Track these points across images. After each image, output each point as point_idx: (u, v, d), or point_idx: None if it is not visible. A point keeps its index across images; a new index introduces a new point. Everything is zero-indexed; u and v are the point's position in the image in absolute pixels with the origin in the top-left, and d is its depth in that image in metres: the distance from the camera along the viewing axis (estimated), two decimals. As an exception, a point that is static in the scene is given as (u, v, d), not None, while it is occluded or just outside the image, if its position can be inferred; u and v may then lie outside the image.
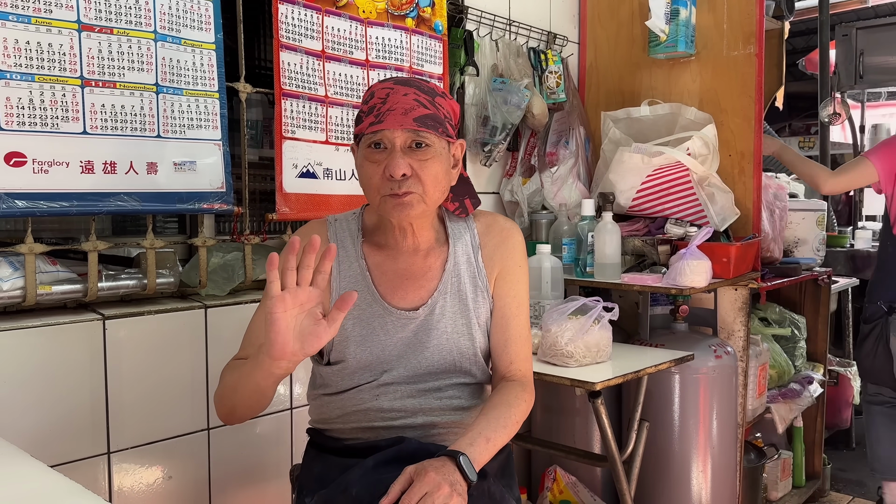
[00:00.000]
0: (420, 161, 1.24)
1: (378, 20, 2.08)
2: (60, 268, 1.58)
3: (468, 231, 1.41)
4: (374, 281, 1.34)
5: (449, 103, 1.31)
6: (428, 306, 1.33)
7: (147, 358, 1.62)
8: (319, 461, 1.37)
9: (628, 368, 1.87)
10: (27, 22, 1.43)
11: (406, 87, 1.26)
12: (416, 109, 1.23)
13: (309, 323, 1.08)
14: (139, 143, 1.59)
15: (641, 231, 2.51)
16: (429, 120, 1.23)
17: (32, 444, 1.39)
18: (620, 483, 1.91)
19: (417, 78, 1.30)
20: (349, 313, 1.31)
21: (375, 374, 1.32)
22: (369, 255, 1.36)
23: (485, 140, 2.39)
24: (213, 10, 1.71)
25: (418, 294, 1.34)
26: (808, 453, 3.07)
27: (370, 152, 1.25)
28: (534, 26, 2.64)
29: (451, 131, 1.29)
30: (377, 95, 1.26)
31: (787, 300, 3.05)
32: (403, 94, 1.24)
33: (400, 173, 1.22)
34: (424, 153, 1.24)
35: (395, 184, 1.23)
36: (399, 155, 1.23)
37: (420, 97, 1.25)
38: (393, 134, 1.22)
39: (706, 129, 2.40)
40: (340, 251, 1.36)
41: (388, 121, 1.22)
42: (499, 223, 1.44)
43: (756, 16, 2.45)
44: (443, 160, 1.28)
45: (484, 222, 1.43)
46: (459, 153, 1.34)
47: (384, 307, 1.33)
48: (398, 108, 1.22)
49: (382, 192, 1.25)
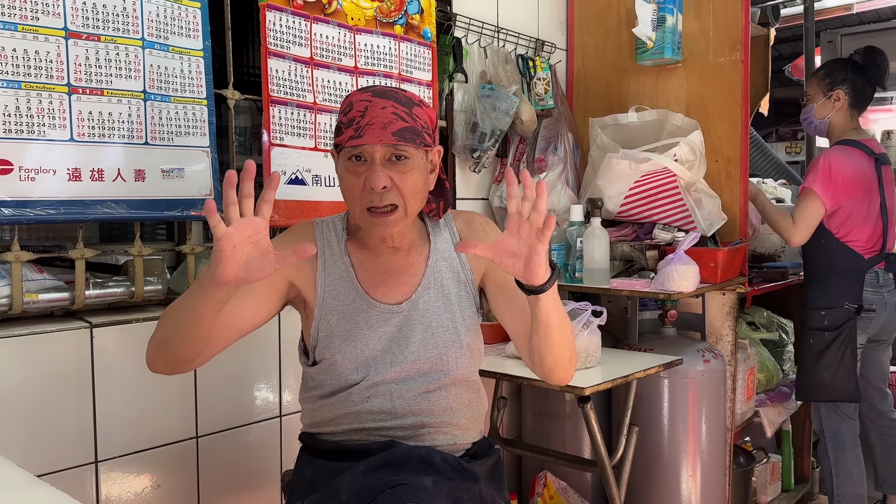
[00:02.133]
0: (400, 174, 1.26)
1: (367, 27, 2.08)
2: (47, 276, 1.57)
3: (447, 228, 1.44)
4: (357, 277, 1.36)
5: (426, 112, 1.33)
6: (411, 301, 1.36)
7: (135, 366, 1.61)
8: (311, 466, 1.38)
9: (617, 373, 1.87)
10: (13, 29, 1.43)
11: (384, 99, 1.27)
12: (395, 123, 1.25)
13: (256, 254, 1.09)
14: (127, 151, 1.59)
15: (630, 236, 2.52)
16: (407, 133, 1.25)
17: (18, 454, 1.38)
18: (610, 488, 1.92)
19: (394, 89, 1.32)
20: (334, 309, 1.34)
21: (363, 373, 1.33)
22: (353, 252, 1.39)
23: (474, 146, 2.39)
24: (200, 18, 1.71)
25: (402, 289, 1.37)
26: (797, 457, 3.09)
27: (351, 164, 1.28)
28: (522, 33, 2.66)
29: (429, 140, 1.31)
30: (356, 108, 1.27)
31: (775, 304, 3.07)
32: (381, 108, 1.25)
33: (380, 186, 1.24)
34: (404, 165, 1.27)
35: (375, 196, 1.26)
36: (379, 168, 1.25)
37: (398, 109, 1.26)
38: (373, 148, 1.25)
39: (693, 135, 2.42)
40: (326, 249, 1.38)
41: (367, 135, 1.23)
42: (476, 219, 1.48)
43: (742, 22, 2.47)
44: (422, 170, 1.30)
45: (462, 219, 1.47)
46: (437, 158, 1.36)
47: (368, 302, 1.35)
48: (377, 122, 1.24)
49: (363, 203, 1.27)
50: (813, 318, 2.61)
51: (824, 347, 2.57)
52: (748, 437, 2.88)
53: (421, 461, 1.28)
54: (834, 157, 2.56)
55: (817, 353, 2.58)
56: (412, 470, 1.26)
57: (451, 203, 1.47)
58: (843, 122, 2.67)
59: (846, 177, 2.53)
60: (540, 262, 1.12)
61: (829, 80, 2.65)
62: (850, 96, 2.63)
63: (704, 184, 2.43)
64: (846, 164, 2.55)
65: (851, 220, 2.57)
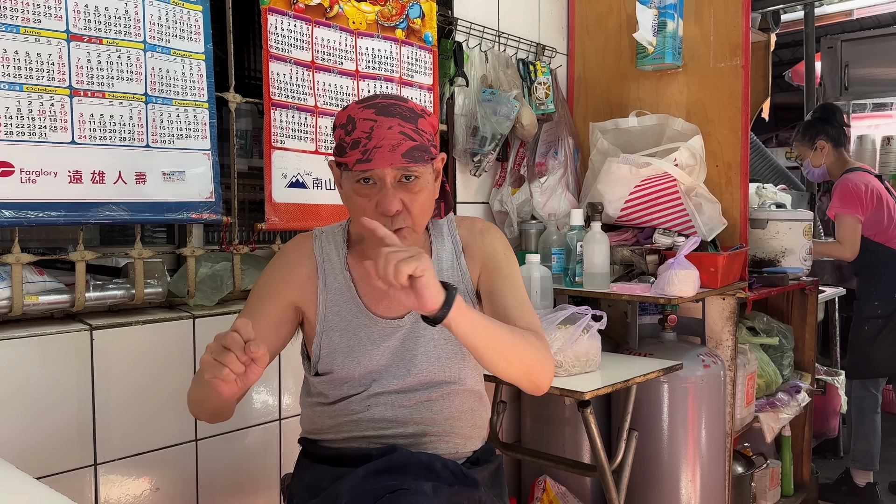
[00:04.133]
0: (411, 194, 1.25)
1: (368, 31, 2.08)
2: (47, 278, 1.57)
3: (450, 237, 1.42)
4: (358, 292, 1.35)
5: (429, 122, 1.30)
6: (413, 314, 1.33)
7: (135, 368, 1.61)
8: (311, 470, 1.37)
9: (617, 378, 1.87)
10: (15, 31, 1.43)
11: (389, 118, 1.23)
12: (403, 143, 1.22)
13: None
14: (128, 153, 1.59)
15: (630, 241, 2.52)
16: (416, 152, 1.23)
17: (18, 456, 1.38)
18: (610, 492, 1.92)
19: (396, 102, 1.27)
20: (336, 325, 1.33)
21: (365, 385, 1.32)
22: (354, 266, 1.37)
23: (474, 150, 2.40)
24: (202, 21, 1.72)
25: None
26: (797, 462, 3.08)
27: (359, 187, 1.25)
28: (522, 38, 2.66)
29: (434, 151, 1.30)
30: (359, 128, 1.23)
31: (775, 309, 3.07)
32: (388, 128, 1.22)
33: (393, 211, 1.22)
34: (414, 185, 1.25)
35: (388, 220, 1.23)
36: (391, 192, 1.23)
37: (405, 128, 1.23)
38: (383, 171, 1.22)
39: (693, 139, 2.42)
40: (326, 264, 1.36)
41: (376, 159, 1.21)
42: (476, 225, 1.45)
43: (742, 28, 2.47)
44: (431, 185, 1.29)
45: (465, 226, 1.45)
46: (440, 164, 1.35)
47: (369, 317, 1.33)
48: (385, 144, 1.21)
49: None
50: (867, 309, 3.22)
51: (878, 332, 3.17)
52: (748, 442, 2.87)
53: (421, 467, 1.28)
54: (850, 179, 3.16)
55: (872, 338, 3.18)
56: (412, 475, 1.26)
57: (451, 204, 1.45)
58: (835, 161, 3.28)
59: (867, 191, 3.12)
60: (425, 287, 1.05)
61: (808, 137, 3.32)
62: (830, 140, 3.26)
63: (705, 189, 2.43)
64: (861, 181, 3.14)
65: (882, 225, 3.16)
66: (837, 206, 3.15)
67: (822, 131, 3.27)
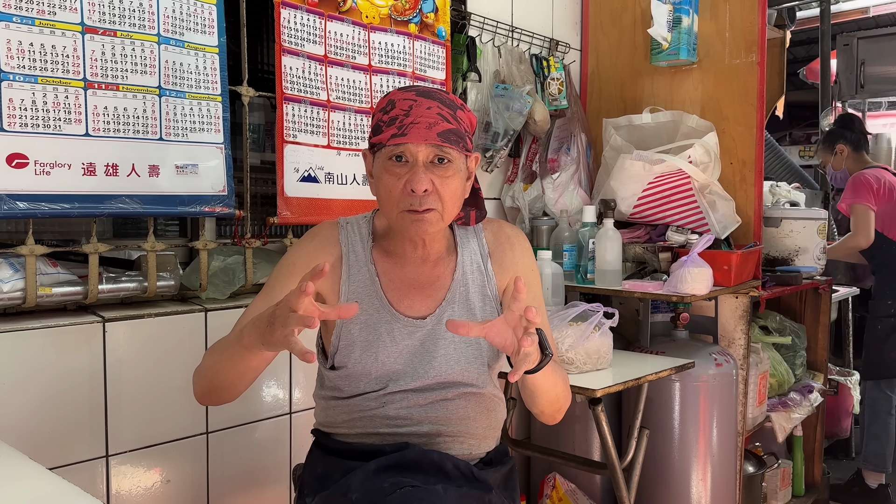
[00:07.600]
0: (442, 178, 1.23)
1: (381, 25, 2.08)
2: (61, 269, 1.58)
3: (476, 239, 1.40)
4: (382, 287, 1.33)
5: (468, 116, 1.30)
6: (436, 315, 1.32)
7: (146, 360, 1.62)
8: (323, 462, 1.37)
9: (629, 375, 1.86)
10: (31, 24, 1.43)
11: (429, 99, 1.24)
12: (440, 124, 1.22)
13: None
14: (141, 146, 1.59)
15: (642, 238, 2.51)
16: (451, 135, 1.23)
17: (31, 446, 1.38)
18: (620, 491, 1.91)
19: (438, 90, 1.28)
20: (356, 318, 1.30)
21: (382, 383, 1.31)
22: (379, 261, 1.35)
23: (486, 146, 2.39)
24: (216, 14, 1.72)
25: (426, 303, 1.33)
26: (808, 462, 3.06)
27: (391, 165, 1.24)
28: (536, 33, 2.65)
29: (470, 144, 1.29)
30: (399, 106, 1.24)
31: (788, 309, 3.05)
32: (427, 108, 1.22)
33: (422, 189, 1.21)
34: (446, 169, 1.24)
35: (415, 199, 1.22)
36: (422, 170, 1.22)
37: (443, 111, 1.23)
38: (416, 148, 1.21)
39: (708, 136, 2.41)
40: (350, 255, 1.34)
41: (411, 134, 1.20)
42: (504, 231, 1.43)
43: (758, 24, 2.45)
44: (462, 175, 1.28)
45: (491, 230, 1.42)
46: (474, 165, 1.33)
47: (392, 314, 1.31)
48: (422, 121, 1.21)
49: (402, 206, 1.24)
50: (881, 307, 3.24)
51: (892, 330, 3.19)
52: (759, 441, 2.86)
53: (432, 465, 1.26)
54: (863, 173, 3.25)
55: (886, 336, 3.19)
56: (422, 474, 1.25)
57: (484, 213, 1.43)
58: (855, 163, 3.37)
59: (879, 184, 3.18)
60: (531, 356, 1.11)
61: (828, 143, 3.45)
62: (849, 144, 3.37)
63: (719, 186, 2.41)
64: (873, 175, 3.22)
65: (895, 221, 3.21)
66: (850, 198, 3.23)
67: (840, 136, 3.40)
